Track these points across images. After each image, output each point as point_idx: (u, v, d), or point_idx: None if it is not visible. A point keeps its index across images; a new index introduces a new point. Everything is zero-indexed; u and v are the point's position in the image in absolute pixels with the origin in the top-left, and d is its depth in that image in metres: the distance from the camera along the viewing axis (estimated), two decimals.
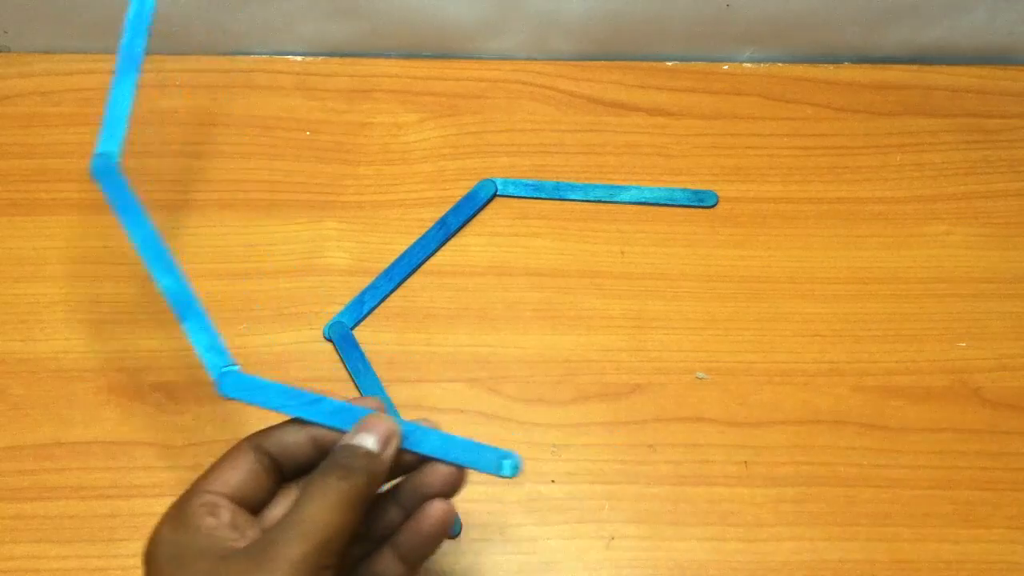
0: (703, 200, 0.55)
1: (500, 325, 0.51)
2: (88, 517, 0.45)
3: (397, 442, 0.34)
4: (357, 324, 0.50)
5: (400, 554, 0.35)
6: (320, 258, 0.52)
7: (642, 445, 0.47)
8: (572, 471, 0.47)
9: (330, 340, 0.50)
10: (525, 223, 0.54)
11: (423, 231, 0.53)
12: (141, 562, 0.32)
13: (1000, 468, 0.47)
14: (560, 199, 0.54)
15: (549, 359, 0.50)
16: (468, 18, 0.57)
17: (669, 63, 0.60)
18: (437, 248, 0.53)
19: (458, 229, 0.53)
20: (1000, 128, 0.58)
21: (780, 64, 0.60)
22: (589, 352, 0.50)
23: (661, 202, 0.55)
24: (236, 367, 0.36)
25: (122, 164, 0.39)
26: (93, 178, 0.38)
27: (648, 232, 0.54)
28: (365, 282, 0.51)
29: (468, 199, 0.54)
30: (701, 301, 0.52)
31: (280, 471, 0.35)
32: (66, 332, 0.49)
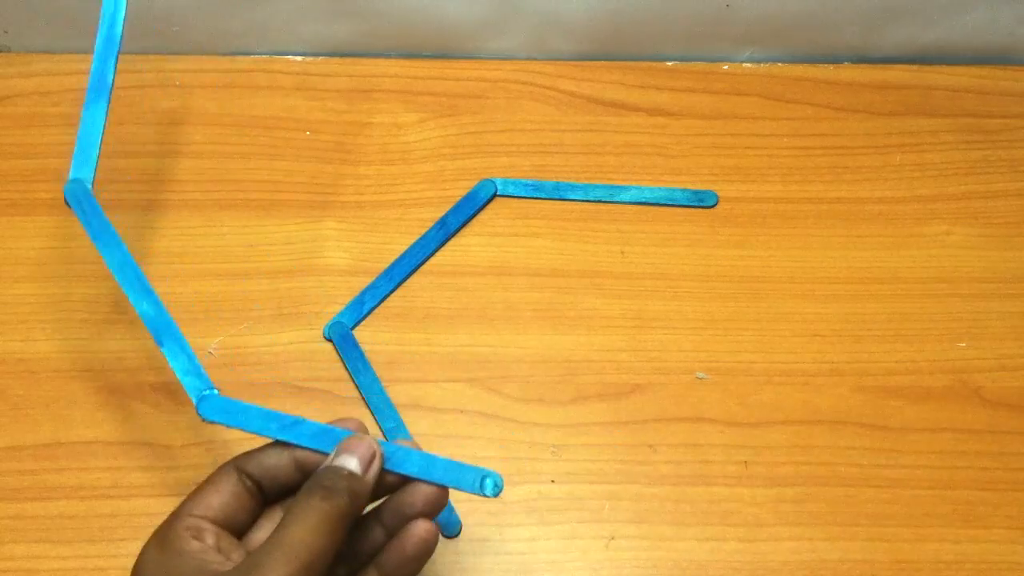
0: (703, 200, 0.55)
1: (500, 325, 0.51)
2: (88, 517, 0.45)
3: (379, 463, 0.34)
4: (357, 324, 0.50)
5: (384, 574, 0.35)
6: (320, 258, 0.52)
7: (642, 445, 0.47)
8: (572, 471, 0.47)
9: (330, 340, 0.50)
10: (525, 223, 0.54)
11: (423, 231, 0.53)
12: None
13: (1000, 468, 0.47)
14: (560, 199, 0.54)
15: (549, 359, 0.50)
16: (468, 18, 0.57)
17: (669, 63, 0.60)
18: (437, 248, 0.53)
19: (458, 229, 0.53)
20: (1000, 128, 0.58)
21: (780, 64, 0.60)
22: (589, 352, 0.50)
23: (661, 202, 0.55)
24: (216, 391, 0.36)
25: (95, 190, 0.39)
26: (67, 203, 0.39)
27: (648, 232, 0.54)
28: (365, 282, 0.51)
29: (468, 199, 0.54)
30: (701, 301, 0.52)
31: (263, 493, 0.36)
32: (66, 332, 0.49)
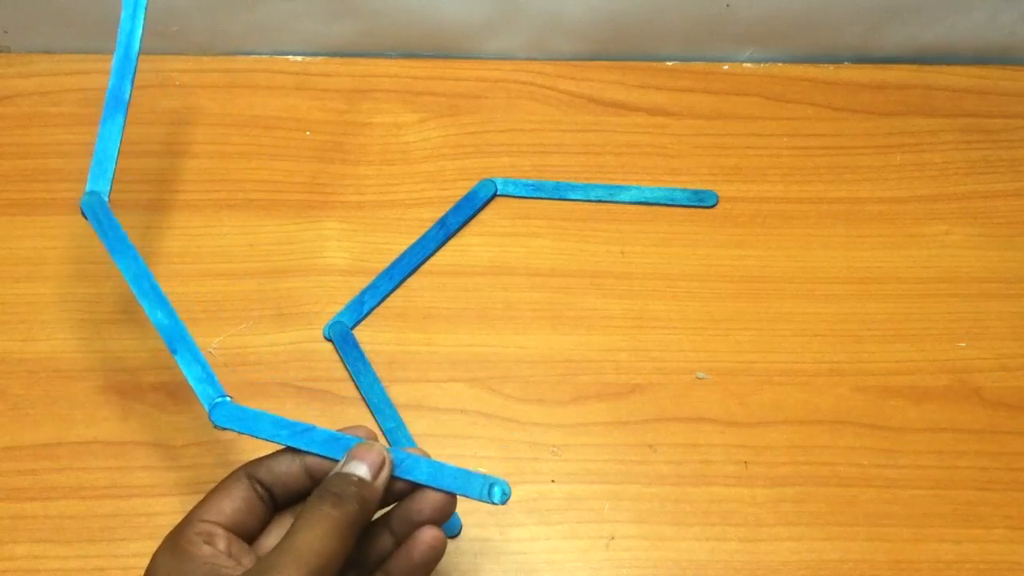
0: (703, 200, 0.55)
1: (500, 325, 0.51)
2: (88, 517, 0.45)
3: (388, 470, 0.35)
4: (357, 324, 0.50)
5: None
6: (320, 258, 0.52)
7: (642, 445, 0.47)
8: (572, 471, 0.47)
9: (330, 340, 0.50)
10: (525, 223, 0.54)
11: (423, 231, 0.53)
12: None
13: (999, 468, 0.47)
14: (560, 199, 0.54)
15: (549, 359, 0.50)
16: (468, 18, 0.57)
17: (669, 63, 0.60)
18: (437, 248, 0.53)
19: (458, 229, 0.53)
20: (1000, 128, 0.58)
21: (780, 64, 0.60)
22: (589, 352, 0.50)
23: (661, 202, 0.55)
24: (228, 398, 0.37)
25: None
26: (83, 215, 0.39)
27: (648, 232, 0.54)
28: (365, 282, 0.51)
29: (468, 199, 0.54)
30: (701, 301, 0.52)
31: (274, 499, 0.36)
32: (66, 332, 0.49)
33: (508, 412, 0.48)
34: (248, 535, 0.35)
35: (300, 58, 0.59)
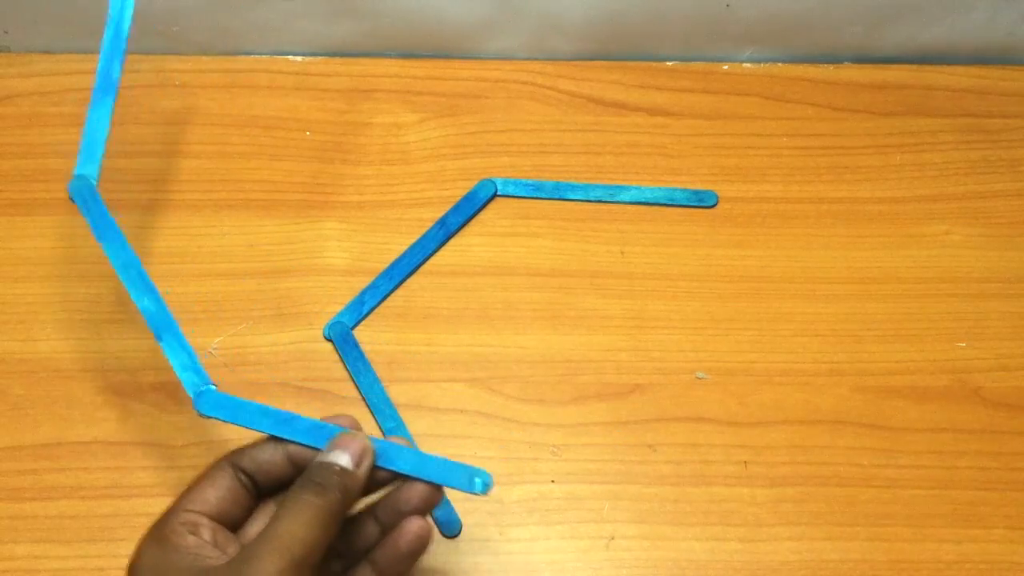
0: (703, 200, 0.55)
1: (500, 325, 0.51)
2: (88, 517, 0.45)
3: (371, 459, 0.35)
4: (357, 324, 0.50)
5: (378, 570, 0.35)
6: (320, 258, 0.52)
7: (642, 445, 0.47)
8: (572, 471, 0.47)
9: (330, 340, 0.50)
10: (525, 223, 0.54)
11: (423, 231, 0.53)
12: None
13: (999, 468, 0.47)
14: (560, 199, 0.54)
15: (549, 359, 0.50)
16: (468, 18, 0.57)
17: (669, 63, 0.60)
18: (437, 248, 0.53)
19: (458, 229, 0.53)
20: (1000, 128, 0.58)
21: (780, 64, 0.60)
22: (589, 352, 0.50)
23: (661, 202, 0.55)
24: (213, 386, 0.37)
25: (100, 186, 0.40)
26: (71, 199, 0.39)
27: (648, 232, 0.54)
28: (365, 282, 0.51)
29: (468, 199, 0.54)
30: (701, 301, 0.52)
31: (257, 488, 0.36)
32: (66, 332, 0.49)
33: (508, 412, 0.48)
34: (233, 524, 0.35)
35: (300, 58, 0.59)
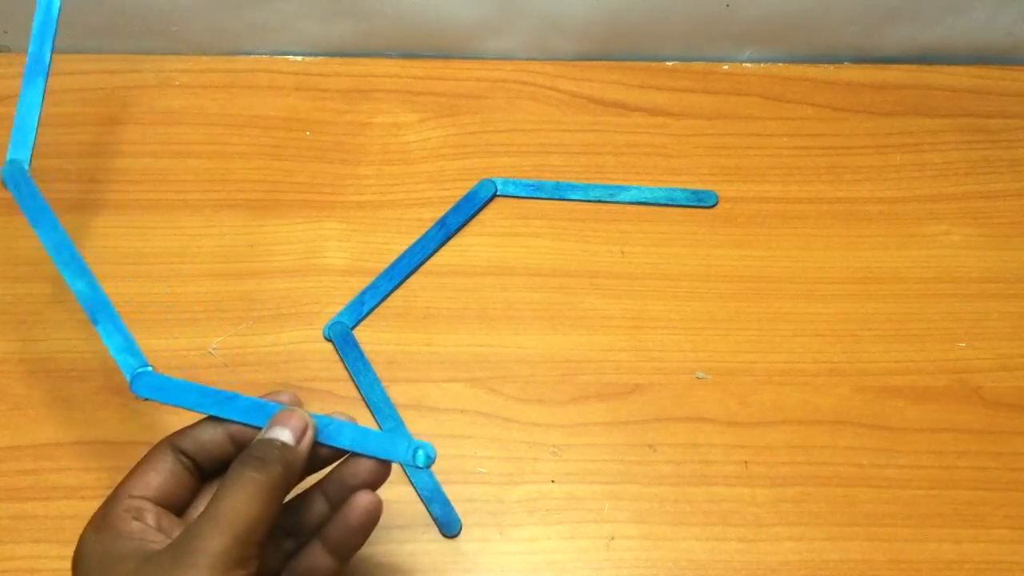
0: (703, 200, 0.55)
1: (500, 325, 0.51)
2: (88, 517, 0.45)
3: (312, 435, 0.35)
4: (357, 324, 0.50)
5: (329, 547, 0.35)
6: (320, 258, 0.52)
7: (642, 445, 0.47)
8: (572, 471, 0.47)
9: (330, 340, 0.50)
10: (525, 223, 0.54)
11: (423, 231, 0.53)
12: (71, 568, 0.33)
13: (1000, 468, 0.47)
14: (560, 199, 0.54)
15: (549, 359, 0.50)
16: (468, 18, 0.57)
17: (669, 63, 0.60)
18: (437, 248, 0.53)
19: (458, 229, 0.53)
20: (1000, 128, 0.58)
21: (780, 64, 0.60)
22: (589, 352, 0.50)
23: (661, 202, 0.55)
24: (150, 368, 0.37)
25: (32, 169, 0.40)
26: (4, 185, 0.39)
27: (648, 232, 0.54)
28: (365, 282, 0.51)
29: (468, 199, 0.54)
30: (701, 301, 0.52)
31: (200, 470, 0.36)
32: (66, 332, 0.49)
33: (508, 412, 0.48)
34: (177, 507, 0.35)
35: (300, 58, 0.59)
